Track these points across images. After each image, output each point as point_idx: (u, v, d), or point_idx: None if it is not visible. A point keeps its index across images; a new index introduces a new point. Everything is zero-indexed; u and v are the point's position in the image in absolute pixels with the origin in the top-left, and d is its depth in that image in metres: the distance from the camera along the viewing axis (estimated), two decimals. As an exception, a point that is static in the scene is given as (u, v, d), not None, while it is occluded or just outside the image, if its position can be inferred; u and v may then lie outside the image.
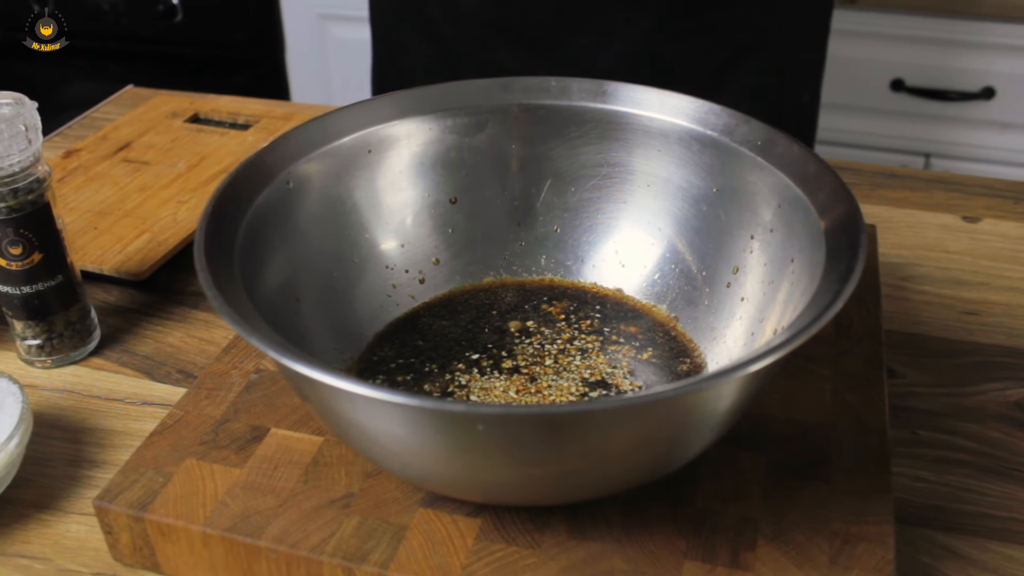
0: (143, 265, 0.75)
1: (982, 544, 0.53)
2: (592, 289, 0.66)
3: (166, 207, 0.82)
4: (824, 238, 0.51)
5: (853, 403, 0.57)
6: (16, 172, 0.61)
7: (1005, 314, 0.71)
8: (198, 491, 0.53)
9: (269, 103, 1.00)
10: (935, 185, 0.87)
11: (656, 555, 0.49)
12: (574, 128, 0.65)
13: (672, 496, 0.52)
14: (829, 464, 0.54)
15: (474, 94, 0.65)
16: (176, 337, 0.71)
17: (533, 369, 0.59)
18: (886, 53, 1.36)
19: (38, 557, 0.55)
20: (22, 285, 0.64)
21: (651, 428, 0.46)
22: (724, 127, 0.61)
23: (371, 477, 0.53)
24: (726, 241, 0.61)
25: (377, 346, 0.61)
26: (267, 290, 0.55)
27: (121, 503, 0.52)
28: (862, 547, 0.49)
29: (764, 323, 0.56)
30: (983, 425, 0.61)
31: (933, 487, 0.57)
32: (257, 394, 0.60)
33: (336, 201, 0.62)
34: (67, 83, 1.78)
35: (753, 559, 0.48)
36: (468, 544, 0.50)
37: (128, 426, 0.63)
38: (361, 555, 0.49)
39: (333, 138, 0.62)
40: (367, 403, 0.44)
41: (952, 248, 0.78)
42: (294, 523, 0.51)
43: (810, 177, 0.55)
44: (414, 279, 0.65)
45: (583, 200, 0.66)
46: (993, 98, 1.34)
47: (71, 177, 0.86)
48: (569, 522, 0.51)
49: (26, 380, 0.67)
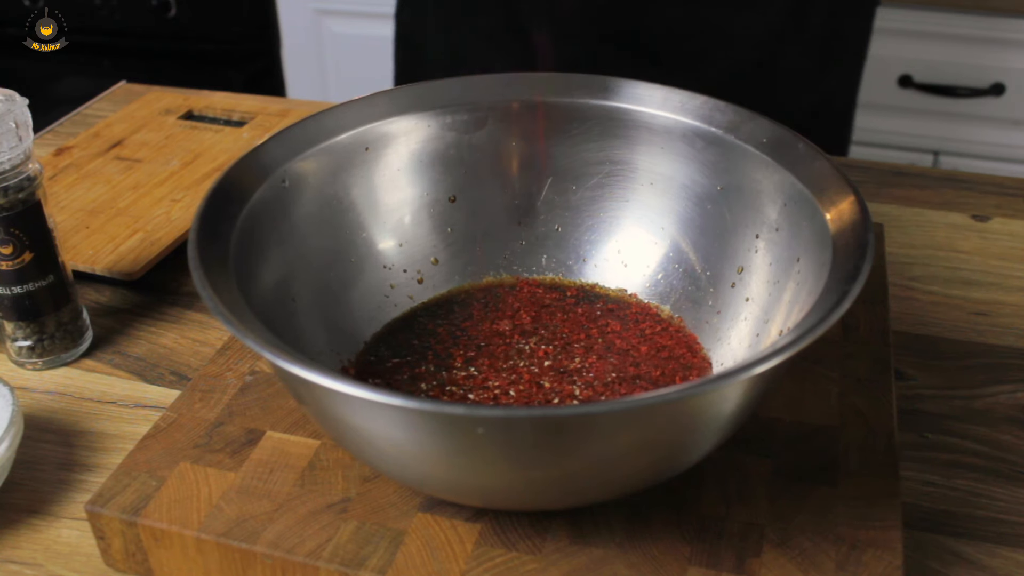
0: (136, 265, 0.74)
1: (992, 549, 0.53)
2: (594, 289, 0.65)
3: (159, 205, 0.81)
4: (831, 237, 0.51)
5: (860, 406, 0.57)
6: (6, 170, 0.61)
7: (1016, 315, 0.70)
8: (192, 495, 0.52)
9: (264, 99, 1.00)
10: (944, 183, 0.86)
11: (659, 561, 0.48)
12: (576, 125, 0.64)
13: (676, 501, 0.51)
14: (836, 468, 0.53)
15: (474, 90, 0.65)
16: (170, 338, 0.70)
17: (533, 370, 0.58)
18: (894, 49, 1.35)
19: (28, 563, 0.54)
20: (12, 285, 0.63)
21: (654, 431, 0.45)
22: (728, 124, 0.60)
23: (368, 481, 0.53)
24: (731, 240, 0.60)
25: (374, 347, 0.61)
26: (262, 290, 0.54)
27: (113, 508, 0.52)
28: (870, 553, 0.48)
29: (769, 324, 0.55)
30: (993, 428, 0.60)
31: (942, 491, 0.56)
32: (252, 396, 0.59)
33: (333, 199, 0.61)
34: (59, 79, 1.77)
35: (759, 565, 0.48)
36: (467, 549, 0.49)
37: (121, 429, 0.63)
38: (358, 561, 0.49)
39: (330, 135, 0.61)
40: (364, 405, 0.44)
41: (961, 247, 0.78)
42: (290, 528, 0.50)
43: (816, 175, 0.55)
44: (412, 279, 0.64)
45: (585, 198, 0.65)
46: (1003, 94, 1.33)
47: (62, 175, 0.86)
48: (571, 527, 0.50)
49: (17, 382, 0.66)
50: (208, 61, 1.71)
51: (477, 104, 0.64)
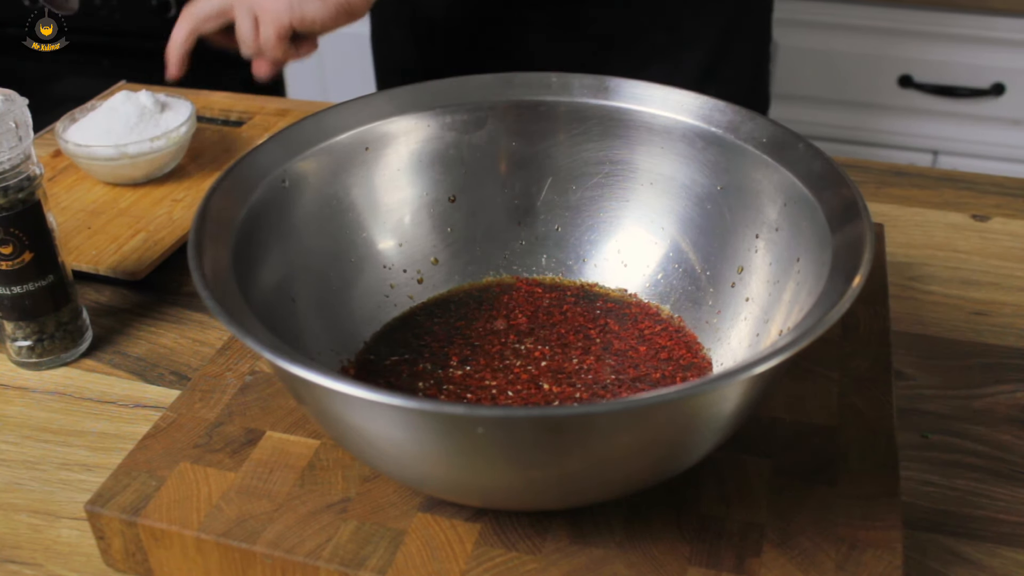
0: (140, 265, 0.74)
1: (991, 549, 0.53)
2: (594, 289, 0.65)
3: (161, 205, 0.81)
4: (830, 237, 0.51)
5: (860, 405, 0.57)
6: (6, 170, 0.61)
7: (1015, 315, 0.70)
8: (192, 495, 0.52)
9: (263, 99, 1.00)
10: (943, 183, 0.86)
11: (659, 561, 0.49)
12: (575, 125, 0.64)
13: (676, 500, 0.51)
14: (836, 468, 0.53)
15: (473, 90, 0.65)
16: (169, 338, 0.70)
17: (532, 371, 0.59)
18: (894, 49, 1.35)
19: (28, 563, 0.54)
20: (12, 285, 0.64)
21: (654, 431, 0.45)
22: (728, 124, 0.60)
23: (368, 481, 0.53)
24: (731, 240, 0.60)
25: (374, 347, 0.61)
26: (262, 290, 0.54)
27: (113, 508, 0.52)
28: (869, 552, 0.48)
29: (769, 324, 0.55)
30: (993, 428, 0.60)
31: (942, 491, 0.56)
32: (252, 396, 0.59)
33: (332, 199, 0.62)
34: (59, 79, 1.78)
35: (758, 565, 0.48)
36: (467, 549, 0.49)
37: (120, 429, 0.63)
38: (358, 561, 0.49)
39: (329, 135, 0.61)
40: (364, 405, 0.44)
41: (961, 247, 0.78)
42: (290, 528, 0.50)
43: (816, 175, 0.55)
44: (412, 279, 0.65)
45: (585, 198, 0.66)
46: (1003, 94, 1.33)
47: (62, 176, 0.86)
48: (570, 527, 0.50)
49: (16, 382, 0.66)
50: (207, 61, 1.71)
51: (477, 104, 0.64)
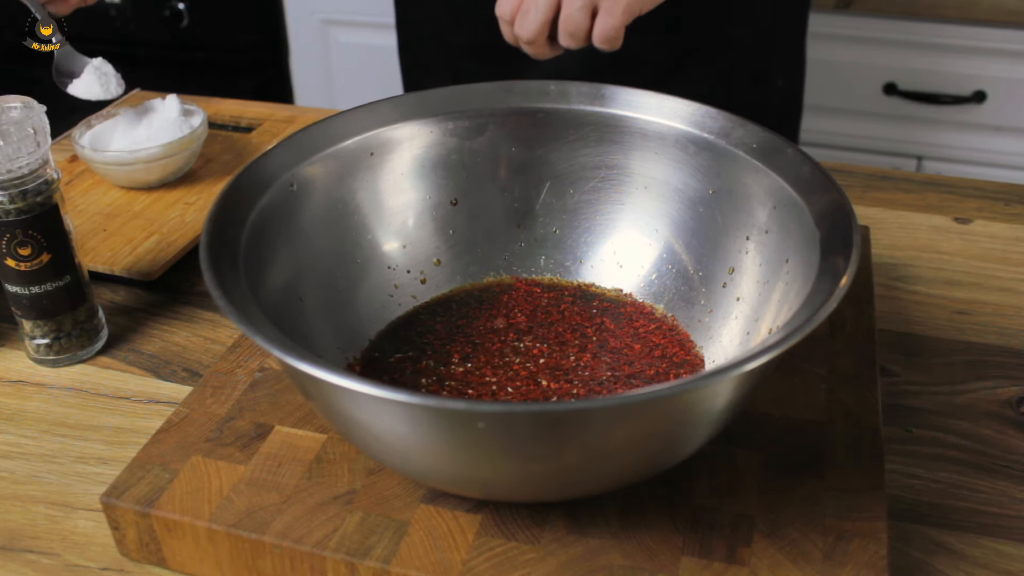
0: (154, 266, 0.75)
1: (974, 540, 0.54)
2: (591, 289, 0.66)
3: (174, 208, 0.82)
4: (818, 239, 0.52)
5: (847, 401, 0.58)
6: (25, 174, 0.62)
7: (996, 313, 0.71)
8: (204, 487, 0.53)
9: (273, 106, 1.01)
10: (927, 187, 0.87)
11: (653, 551, 0.50)
12: (573, 131, 0.65)
13: (669, 493, 0.52)
14: (823, 461, 0.54)
15: (474, 97, 0.66)
16: (182, 336, 0.72)
17: (531, 368, 0.60)
18: (879, 57, 1.37)
19: (46, 552, 0.55)
20: (31, 285, 0.65)
21: (648, 425, 0.46)
22: (720, 130, 0.61)
23: (373, 474, 0.54)
24: (722, 242, 0.61)
25: (379, 345, 0.62)
26: (271, 290, 0.55)
27: (128, 499, 0.53)
28: (856, 543, 0.49)
29: (759, 322, 0.56)
30: (975, 423, 0.61)
31: (926, 484, 0.57)
32: (261, 392, 0.60)
33: (339, 203, 0.63)
34: (75, 87, 1.78)
35: (749, 555, 0.49)
36: (469, 540, 0.50)
37: (135, 424, 0.64)
38: (364, 551, 0.50)
39: (336, 141, 0.62)
40: (369, 401, 0.45)
41: (944, 249, 0.79)
42: (298, 519, 0.51)
43: (805, 179, 0.56)
44: (415, 279, 0.66)
45: (582, 202, 0.67)
46: (984, 102, 1.35)
47: (79, 180, 0.87)
48: (568, 518, 0.51)
49: (35, 379, 0.68)
50: (219, 70, 1.71)
51: (478, 111, 0.65)
